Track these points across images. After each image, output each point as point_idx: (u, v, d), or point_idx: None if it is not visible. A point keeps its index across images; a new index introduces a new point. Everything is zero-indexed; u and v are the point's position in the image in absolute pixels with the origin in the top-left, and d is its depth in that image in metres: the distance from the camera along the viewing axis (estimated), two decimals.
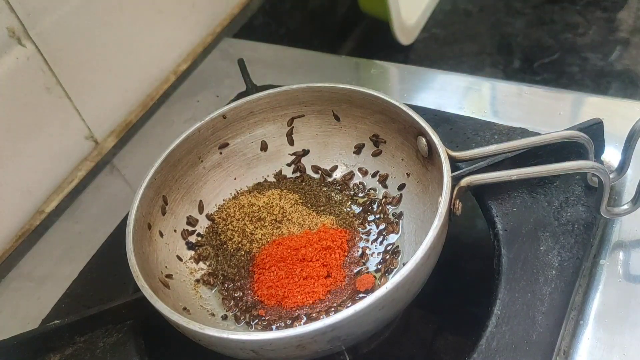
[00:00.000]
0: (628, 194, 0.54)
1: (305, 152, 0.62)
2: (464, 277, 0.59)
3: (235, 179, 0.61)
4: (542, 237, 0.50)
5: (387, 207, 0.57)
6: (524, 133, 0.58)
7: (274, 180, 0.62)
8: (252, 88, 0.65)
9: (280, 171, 0.62)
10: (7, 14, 0.60)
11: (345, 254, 0.54)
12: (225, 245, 0.57)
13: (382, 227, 0.56)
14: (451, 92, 0.68)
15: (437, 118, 0.62)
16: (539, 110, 0.63)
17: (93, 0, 0.68)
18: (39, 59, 0.64)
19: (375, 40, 0.88)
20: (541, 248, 0.49)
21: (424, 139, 0.51)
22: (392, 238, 0.55)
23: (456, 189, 0.47)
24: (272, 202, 0.58)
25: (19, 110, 0.63)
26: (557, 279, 0.47)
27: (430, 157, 0.51)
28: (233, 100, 0.60)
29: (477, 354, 0.44)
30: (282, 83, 0.60)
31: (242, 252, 0.56)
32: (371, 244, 0.55)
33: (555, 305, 0.46)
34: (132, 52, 0.75)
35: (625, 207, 0.50)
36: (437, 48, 0.86)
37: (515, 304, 0.46)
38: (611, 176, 0.49)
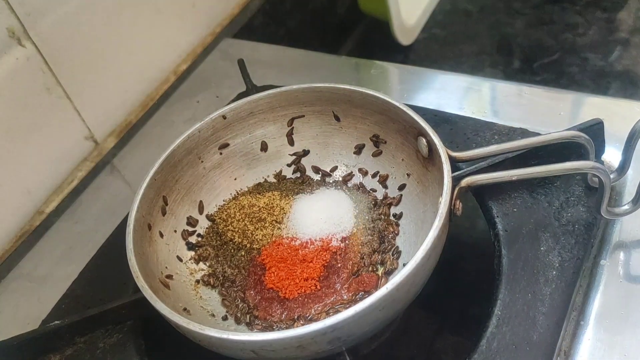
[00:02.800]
0: (629, 194, 0.54)
1: (306, 153, 0.62)
2: (464, 277, 0.59)
3: (235, 179, 0.61)
4: (542, 238, 0.50)
5: (388, 207, 0.57)
6: (524, 133, 0.58)
7: (274, 180, 0.62)
8: (252, 88, 0.65)
9: (281, 172, 0.62)
10: (7, 14, 0.60)
11: (345, 255, 0.54)
12: (225, 246, 0.57)
13: (382, 227, 0.56)
14: (451, 92, 0.68)
15: (437, 118, 0.62)
16: (539, 111, 0.63)
17: (93, 1, 0.68)
18: (38, 59, 0.64)
19: (375, 41, 0.88)
20: (542, 248, 0.49)
21: (424, 139, 0.51)
22: (393, 239, 0.55)
23: (456, 189, 0.47)
24: (272, 203, 0.58)
25: (19, 111, 0.63)
26: (558, 280, 0.47)
27: (430, 157, 0.51)
28: (233, 101, 0.60)
29: (478, 355, 0.44)
30: (282, 83, 0.60)
31: (242, 253, 0.56)
32: (371, 244, 0.55)
33: (556, 305, 0.46)
34: (132, 52, 0.75)
35: (626, 207, 0.50)
36: (437, 48, 0.86)
37: (515, 304, 0.46)
38: (612, 176, 0.49)
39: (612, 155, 0.56)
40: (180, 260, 0.55)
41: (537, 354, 0.44)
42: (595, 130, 0.53)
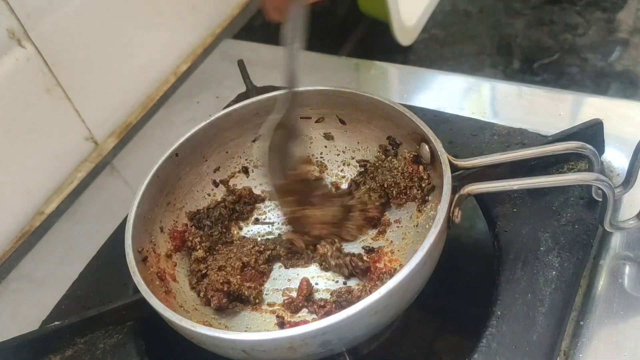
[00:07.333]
0: (626, 198, 0.53)
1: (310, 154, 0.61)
2: (464, 277, 0.58)
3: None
4: (542, 238, 0.50)
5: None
6: (524, 133, 0.58)
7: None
8: (252, 89, 0.65)
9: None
10: (7, 15, 0.60)
11: None
12: None
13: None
14: (451, 92, 0.68)
15: (437, 119, 0.62)
16: (539, 111, 0.63)
17: (93, 2, 0.68)
18: (38, 60, 0.64)
19: (375, 41, 0.88)
20: (541, 249, 0.49)
21: (427, 146, 0.51)
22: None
23: (456, 196, 0.46)
24: None
25: (19, 111, 0.63)
26: (558, 280, 0.47)
27: (432, 163, 0.51)
28: (233, 101, 0.60)
29: (478, 355, 0.44)
30: (282, 84, 0.60)
31: None
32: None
33: (556, 305, 0.46)
34: (132, 53, 0.75)
35: (631, 222, 0.49)
36: (437, 49, 0.86)
37: (515, 304, 0.46)
38: (617, 190, 0.48)
39: (611, 156, 0.56)
40: None
41: (536, 354, 0.44)
42: (594, 130, 0.53)
